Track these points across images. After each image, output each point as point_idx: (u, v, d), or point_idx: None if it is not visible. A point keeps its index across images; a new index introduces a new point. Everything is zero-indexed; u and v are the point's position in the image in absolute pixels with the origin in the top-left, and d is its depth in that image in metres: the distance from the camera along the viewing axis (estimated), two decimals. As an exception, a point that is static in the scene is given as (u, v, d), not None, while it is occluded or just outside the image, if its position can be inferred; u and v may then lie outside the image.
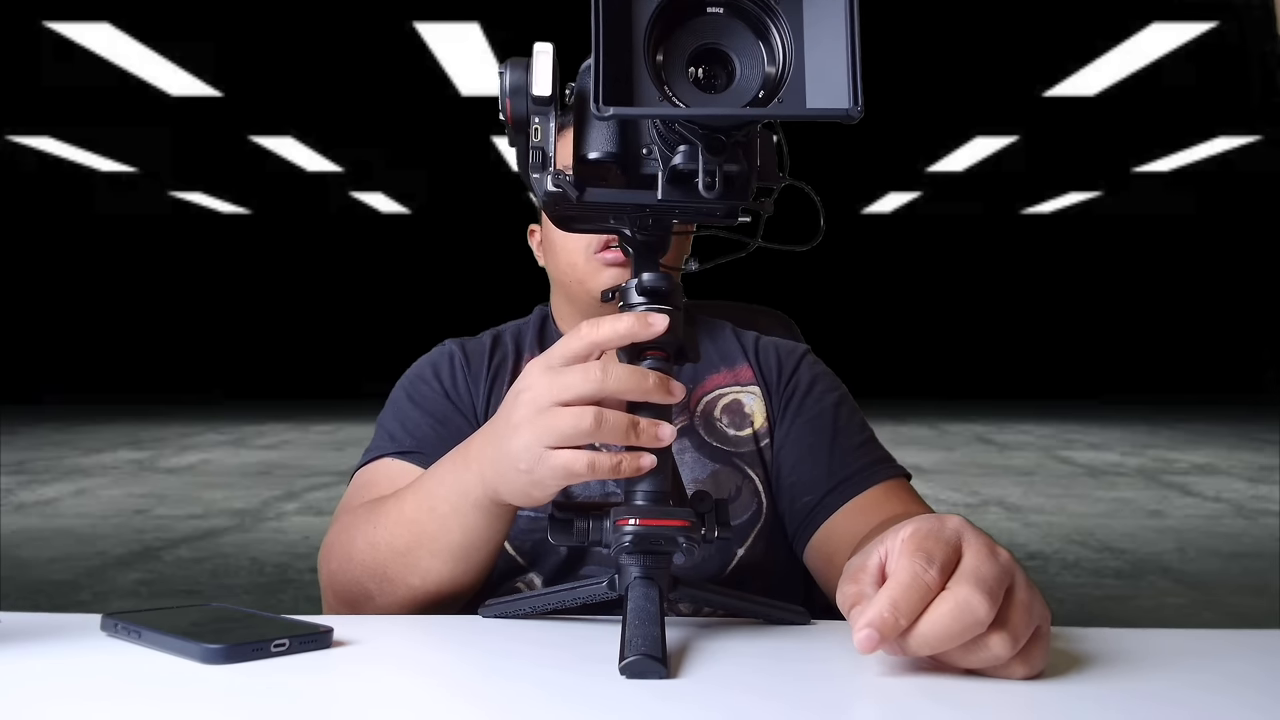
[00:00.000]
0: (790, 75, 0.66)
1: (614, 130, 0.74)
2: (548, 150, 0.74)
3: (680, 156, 0.70)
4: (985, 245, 15.98)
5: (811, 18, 0.66)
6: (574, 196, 0.74)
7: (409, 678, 0.68)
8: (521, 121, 0.75)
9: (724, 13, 0.67)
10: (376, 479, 1.06)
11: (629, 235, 0.80)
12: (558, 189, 0.74)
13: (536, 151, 0.74)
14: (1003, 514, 5.59)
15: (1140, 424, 11.01)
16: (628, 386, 0.71)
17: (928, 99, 8.17)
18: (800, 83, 0.66)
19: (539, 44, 0.74)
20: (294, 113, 8.93)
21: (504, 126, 0.76)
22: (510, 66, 0.74)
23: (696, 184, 0.69)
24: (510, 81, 0.74)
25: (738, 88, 0.67)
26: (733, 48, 0.67)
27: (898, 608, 0.61)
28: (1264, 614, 3.62)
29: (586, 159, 0.74)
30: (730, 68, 0.67)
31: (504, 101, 0.75)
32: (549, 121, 0.74)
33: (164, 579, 4.06)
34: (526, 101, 0.74)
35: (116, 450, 8.41)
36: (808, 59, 0.66)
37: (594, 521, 0.75)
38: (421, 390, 1.13)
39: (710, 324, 1.22)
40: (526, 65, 0.74)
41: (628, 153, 0.74)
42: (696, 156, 0.69)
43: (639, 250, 0.80)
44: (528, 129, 0.75)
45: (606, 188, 0.75)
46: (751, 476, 1.10)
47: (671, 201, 0.73)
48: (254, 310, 16.19)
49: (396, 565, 0.88)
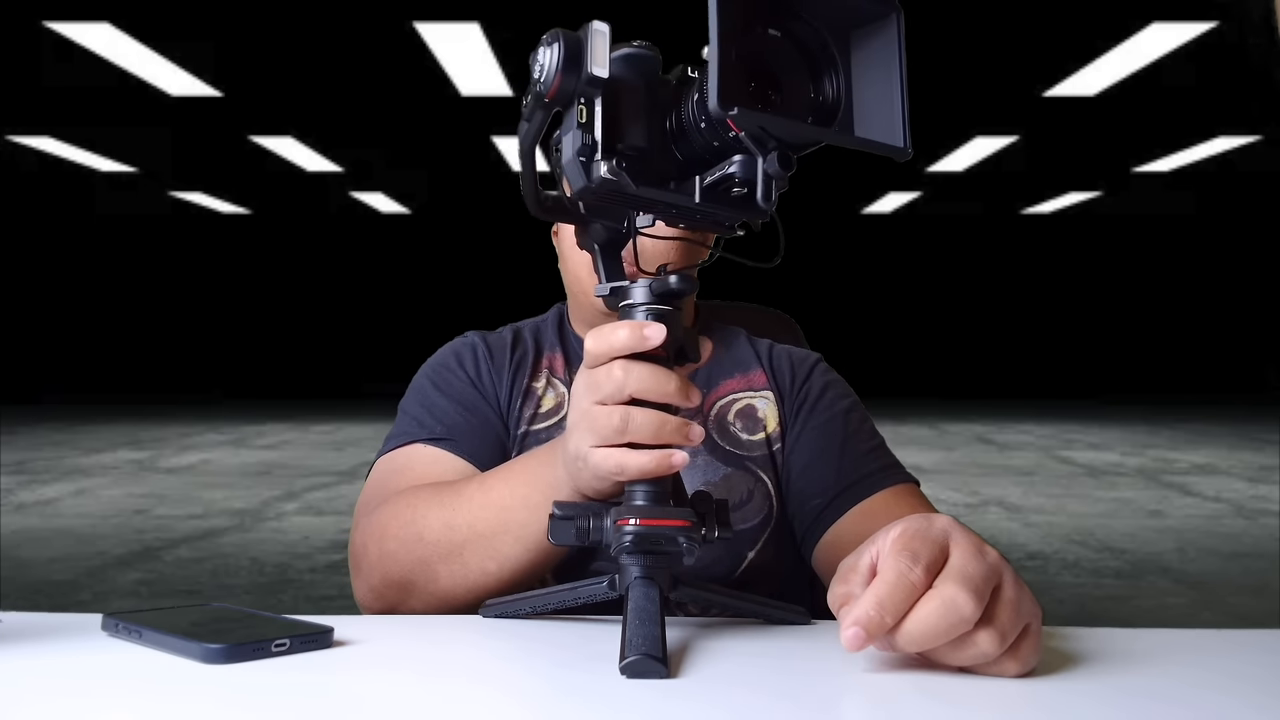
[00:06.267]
0: (842, 106, 0.68)
1: (645, 125, 0.73)
2: (596, 135, 0.70)
3: (738, 166, 0.70)
4: (985, 245, 15.98)
5: (860, 51, 0.69)
6: (632, 188, 0.71)
7: (409, 678, 0.68)
8: (566, 98, 0.69)
9: (781, 37, 0.68)
10: (411, 464, 1.05)
11: (598, 230, 0.79)
12: (614, 177, 0.70)
13: (586, 134, 0.70)
14: (1003, 514, 5.59)
15: (1140, 424, 11.01)
16: (648, 388, 0.73)
17: (928, 99, 8.17)
18: (849, 114, 0.68)
19: (596, 22, 0.68)
20: (294, 113, 8.93)
21: (527, 101, 0.71)
22: (562, 38, 0.68)
23: (730, 191, 0.70)
24: (564, 54, 0.68)
25: (786, 109, 0.68)
26: (784, 69, 0.68)
27: (883, 606, 0.62)
28: (1264, 614, 3.62)
29: (617, 149, 0.72)
30: (780, 89, 0.68)
31: (551, 75, 0.68)
32: (596, 106, 0.70)
33: (164, 579, 4.06)
34: (578, 80, 0.68)
35: (116, 450, 8.41)
36: (856, 93, 0.69)
37: (594, 521, 0.76)
38: (446, 378, 1.13)
39: (725, 330, 1.22)
40: (580, 40, 0.68)
41: (651, 149, 0.74)
42: (755, 168, 0.69)
43: (604, 249, 0.79)
44: (570, 109, 0.70)
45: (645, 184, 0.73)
46: (764, 480, 1.10)
47: (706, 206, 0.73)
48: (254, 310, 16.19)
49: (476, 548, 0.89)
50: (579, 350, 1.17)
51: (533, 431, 1.11)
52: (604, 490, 0.78)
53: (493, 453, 1.07)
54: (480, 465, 1.03)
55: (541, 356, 1.16)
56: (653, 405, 0.73)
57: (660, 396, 0.73)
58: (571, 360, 1.17)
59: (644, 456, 0.72)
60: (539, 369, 1.15)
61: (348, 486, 6.48)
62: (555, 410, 1.12)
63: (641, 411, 0.73)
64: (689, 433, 0.73)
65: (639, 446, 0.73)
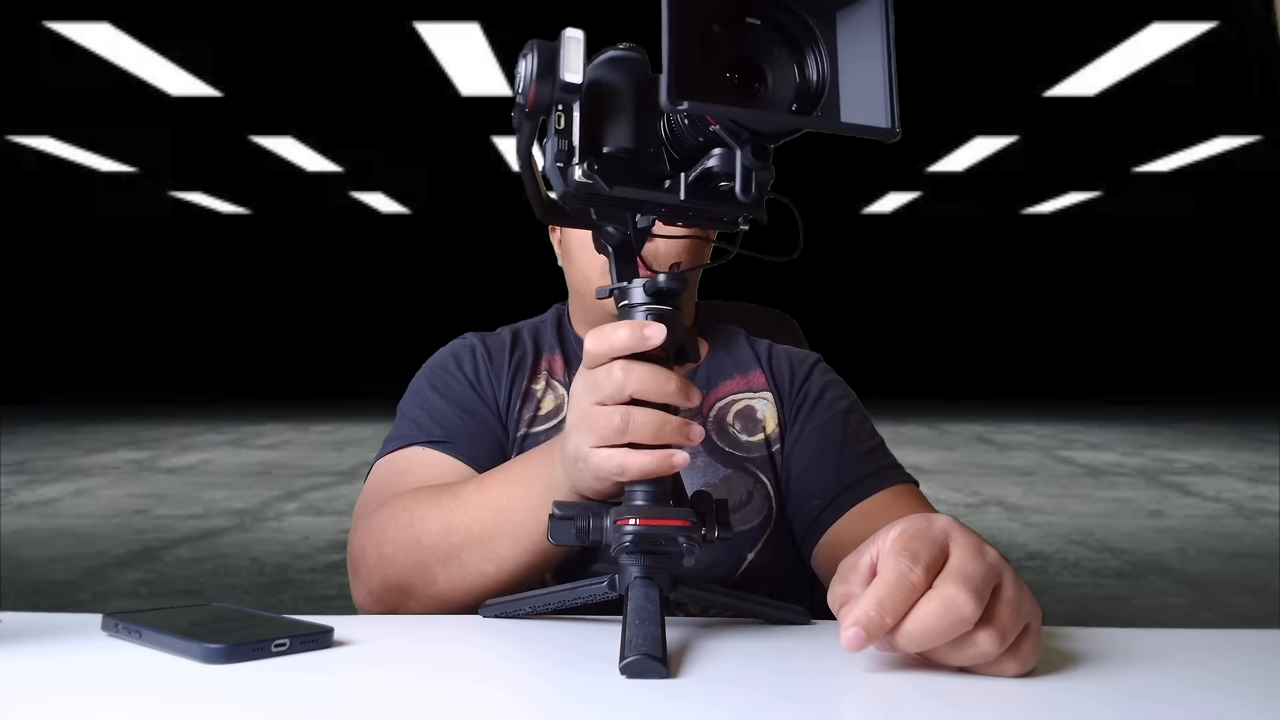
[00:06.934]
0: (827, 90, 0.67)
1: (630, 126, 0.73)
2: (573, 140, 0.72)
3: (716, 160, 0.70)
4: (985, 245, 15.98)
5: (846, 35, 0.68)
6: (607, 189, 0.72)
7: (409, 678, 0.68)
8: (543, 107, 0.71)
9: (761, 25, 0.67)
10: (410, 467, 1.05)
11: (610, 233, 0.79)
12: (588, 180, 0.71)
13: (562, 140, 0.71)
14: (1003, 514, 5.59)
15: (1140, 424, 11.01)
16: (648, 388, 0.73)
17: (928, 99, 8.17)
18: (835, 98, 0.67)
19: (570, 30, 0.70)
20: (294, 113, 8.93)
21: (514, 111, 0.73)
22: (537, 48, 0.71)
23: (716, 188, 0.69)
24: (538, 64, 0.70)
25: (772, 98, 0.67)
26: (767, 59, 0.68)
27: (883, 606, 0.62)
28: (1264, 614, 3.62)
29: (602, 152, 0.73)
30: (764, 77, 0.68)
31: (528, 84, 0.71)
32: (574, 111, 0.72)
33: (164, 579, 4.06)
34: (553, 87, 0.70)
35: (116, 450, 8.41)
36: (842, 75, 0.67)
37: (594, 521, 0.75)
38: (445, 380, 1.13)
39: (725, 331, 1.22)
40: (555, 49, 0.71)
41: (640, 150, 0.74)
42: (734, 160, 0.69)
43: (617, 250, 0.79)
44: (548, 116, 0.72)
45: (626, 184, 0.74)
46: (763, 481, 1.10)
47: (692, 203, 0.73)
48: (254, 310, 16.19)
49: (474, 550, 0.89)
50: (578, 351, 1.16)
51: (532, 434, 1.10)
52: (603, 491, 0.78)
53: (491, 455, 1.06)
54: (479, 468, 1.03)
55: (540, 358, 1.16)
56: (653, 405, 0.73)
57: (660, 397, 0.73)
58: (571, 361, 1.16)
59: (645, 457, 0.72)
60: (538, 371, 1.15)
61: (348, 486, 6.48)
62: (555, 412, 1.12)
63: (642, 411, 0.72)
64: (689, 432, 0.73)
65: (639, 447, 0.73)
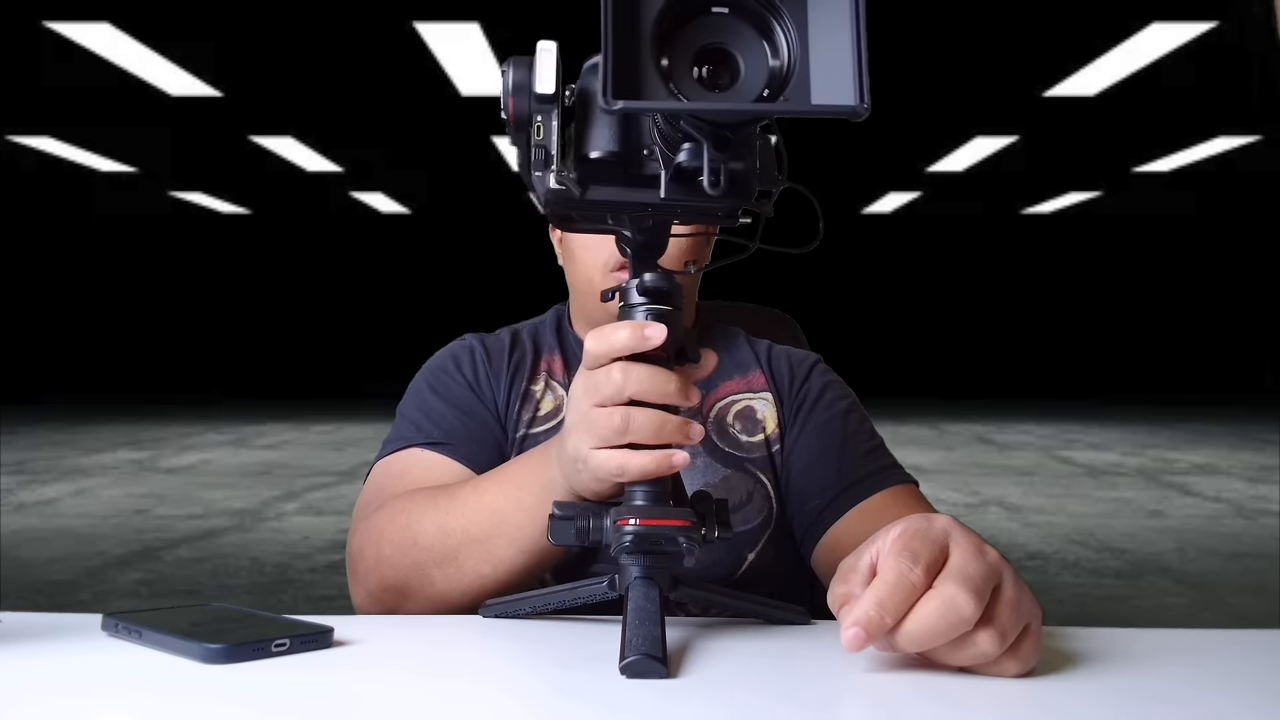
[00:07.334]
0: (795, 73, 0.66)
1: (616, 129, 0.74)
2: (550, 149, 0.73)
3: (685, 154, 0.70)
4: (985, 245, 15.98)
5: (816, 15, 0.66)
6: (577, 194, 0.73)
7: (409, 678, 0.68)
8: (524, 120, 0.74)
9: (729, 13, 0.67)
10: (409, 469, 1.05)
11: (628, 235, 0.80)
12: (561, 186, 0.73)
13: (539, 149, 0.73)
14: (1003, 514, 5.59)
15: (1140, 424, 11.01)
16: (648, 389, 0.73)
17: (928, 99, 8.17)
18: (805, 80, 0.66)
19: (542, 42, 0.73)
20: (294, 113, 8.93)
21: (505, 126, 0.76)
22: (513, 64, 0.74)
23: (700, 183, 0.68)
24: (513, 80, 0.73)
25: (743, 86, 0.67)
26: (737, 47, 0.67)
27: (883, 606, 0.62)
28: (1264, 614, 3.62)
29: (588, 158, 0.74)
30: (734, 67, 0.67)
31: (506, 100, 0.74)
32: (551, 120, 0.74)
33: (164, 579, 4.06)
34: (529, 100, 0.73)
35: (116, 450, 8.41)
36: (813, 56, 0.66)
37: (594, 521, 0.75)
38: (444, 382, 1.13)
39: (725, 331, 1.22)
40: (529, 63, 0.73)
41: (629, 152, 0.74)
42: (701, 154, 0.69)
43: (637, 251, 0.80)
44: (529, 128, 0.74)
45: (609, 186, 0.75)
46: (763, 482, 1.10)
47: (674, 200, 0.73)
48: (254, 310, 16.19)
49: (470, 552, 0.88)
50: (578, 352, 1.16)
51: (531, 435, 1.10)
52: (602, 492, 0.78)
53: (490, 457, 1.06)
54: (478, 470, 1.03)
55: (540, 359, 1.16)
56: (653, 406, 0.73)
57: (660, 397, 0.73)
58: (570, 362, 1.16)
59: (645, 457, 0.72)
60: (537, 372, 1.15)
61: (348, 486, 6.48)
62: (554, 413, 1.12)
63: (642, 412, 0.72)
64: (689, 432, 0.73)
65: (639, 447, 0.73)
